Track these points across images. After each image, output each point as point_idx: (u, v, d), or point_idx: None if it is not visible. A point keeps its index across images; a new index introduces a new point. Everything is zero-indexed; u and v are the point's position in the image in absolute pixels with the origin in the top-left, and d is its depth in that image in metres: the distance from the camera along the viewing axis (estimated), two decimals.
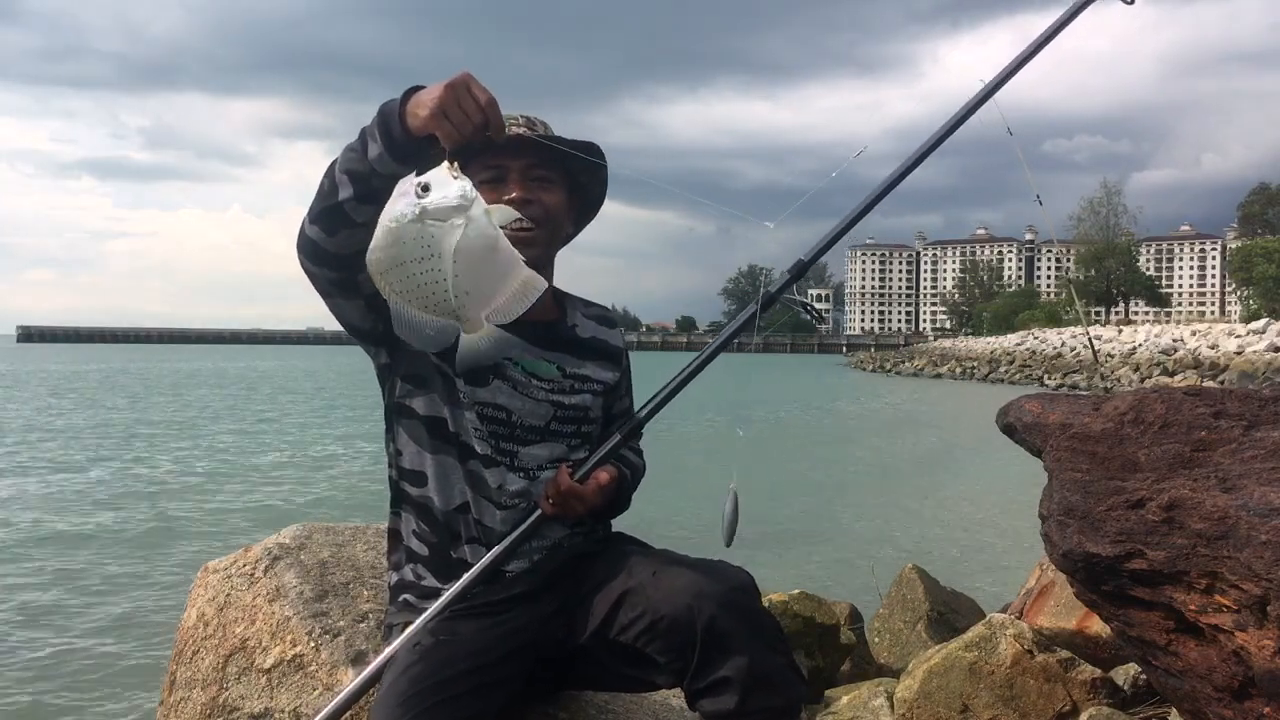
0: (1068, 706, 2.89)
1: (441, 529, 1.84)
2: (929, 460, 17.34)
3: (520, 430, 1.84)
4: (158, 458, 16.14)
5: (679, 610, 1.67)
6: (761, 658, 1.65)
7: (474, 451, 1.82)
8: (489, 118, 1.53)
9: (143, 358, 78.24)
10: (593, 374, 1.94)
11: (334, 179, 1.62)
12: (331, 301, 1.78)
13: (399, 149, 1.56)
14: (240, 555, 2.25)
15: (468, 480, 1.82)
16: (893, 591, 5.05)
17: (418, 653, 1.69)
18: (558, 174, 1.89)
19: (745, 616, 1.68)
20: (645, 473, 2.05)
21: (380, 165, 1.58)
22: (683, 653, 1.67)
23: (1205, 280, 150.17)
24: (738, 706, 1.63)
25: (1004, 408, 2.35)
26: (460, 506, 1.82)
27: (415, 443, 1.85)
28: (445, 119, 1.51)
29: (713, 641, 1.65)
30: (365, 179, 1.60)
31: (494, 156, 1.83)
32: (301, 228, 1.69)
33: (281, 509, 11.42)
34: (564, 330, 1.94)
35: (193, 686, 2.12)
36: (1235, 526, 1.75)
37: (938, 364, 59.60)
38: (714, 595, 1.68)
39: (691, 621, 1.65)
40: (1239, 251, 66.08)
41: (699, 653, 1.65)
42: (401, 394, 1.86)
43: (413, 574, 1.86)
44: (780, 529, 10.33)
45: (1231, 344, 37.37)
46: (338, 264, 1.70)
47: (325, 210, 1.64)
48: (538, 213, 1.84)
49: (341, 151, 1.63)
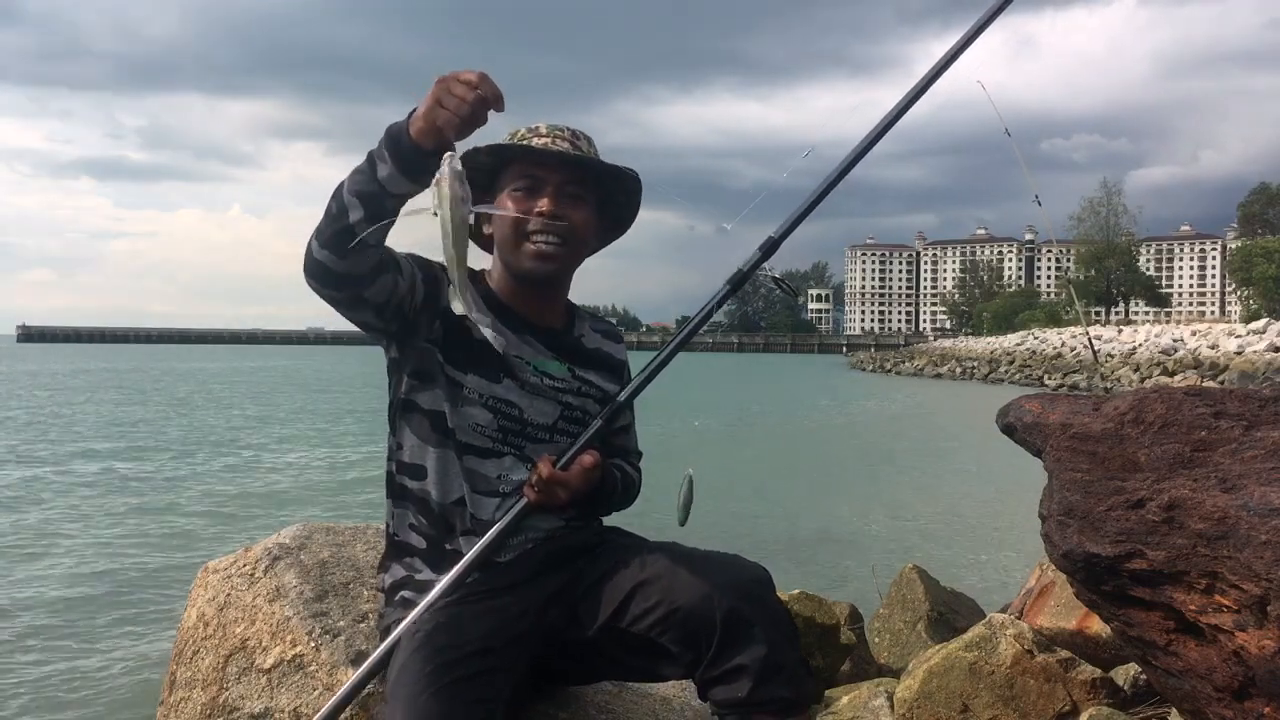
0: (1068, 706, 2.89)
1: (438, 521, 1.86)
2: (929, 460, 17.34)
3: (530, 428, 1.88)
4: (158, 457, 16.15)
5: (697, 601, 1.70)
6: (778, 649, 1.69)
7: (472, 447, 1.84)
8: (483, 91, 1.54)
9: (143, 358, 78.23)
10: (598, 381, 1.98)
11: (343, 202, 1.63)
12: (340, 311, 1.79)
13: (408, 163, 1.59)
14: (240, 555, 2.25)
15: (465, 475, 1.84)
16: (893, 591, 5.05)
17: (423, 637, 1.70)
18: (590, 192, 1.92)
19: (764, 608, 1.72)
20: (639, 490, 2.07)
21: (391, 184, 1.61)
22: (698, 643, 1.70)
23: (1205, 280, 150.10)
24: (750, 694, 1.67)
25: (1004, 408, 2.35)
26: (457, 500, 1.85)
27: (417, 437, 1.87)
28: (440, 108, 1.54)
29: (731, 631, 1.68)
30: (376, 199, 1.62)
31: (534, 165, 1.86)
32: (309, 251, 1.68)
33: (282, 509, 11.43)
34: (571, 339, 1.98)
35: (193, 686, 2.12)
36: (1235, 526, 1.75)
37: (938, 364, 59.58)
38: (733, 586, 1.72)
39: (710, 612, 1.69)
40: (1239, 251, 66.08)
41: (717, 642, 1.68)
42: (408, 389, 1.87)
43: (407, 569, 1.88)
44: (780, 529, 10.34)
45: (1231, 344, 37.36)
46: (348, 284, 1.71)
47: (336, 233, 1.64)
48: (565, 230, 1.87)
49: (349, 175, 1.65)
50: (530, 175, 1.86)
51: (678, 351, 1.87)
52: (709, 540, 1.96)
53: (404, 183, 1.61)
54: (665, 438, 18.67)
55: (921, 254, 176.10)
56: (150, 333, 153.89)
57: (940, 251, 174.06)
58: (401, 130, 1.58)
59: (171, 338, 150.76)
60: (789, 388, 42.04)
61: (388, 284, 1.73)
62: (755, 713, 1.68)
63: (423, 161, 1.58)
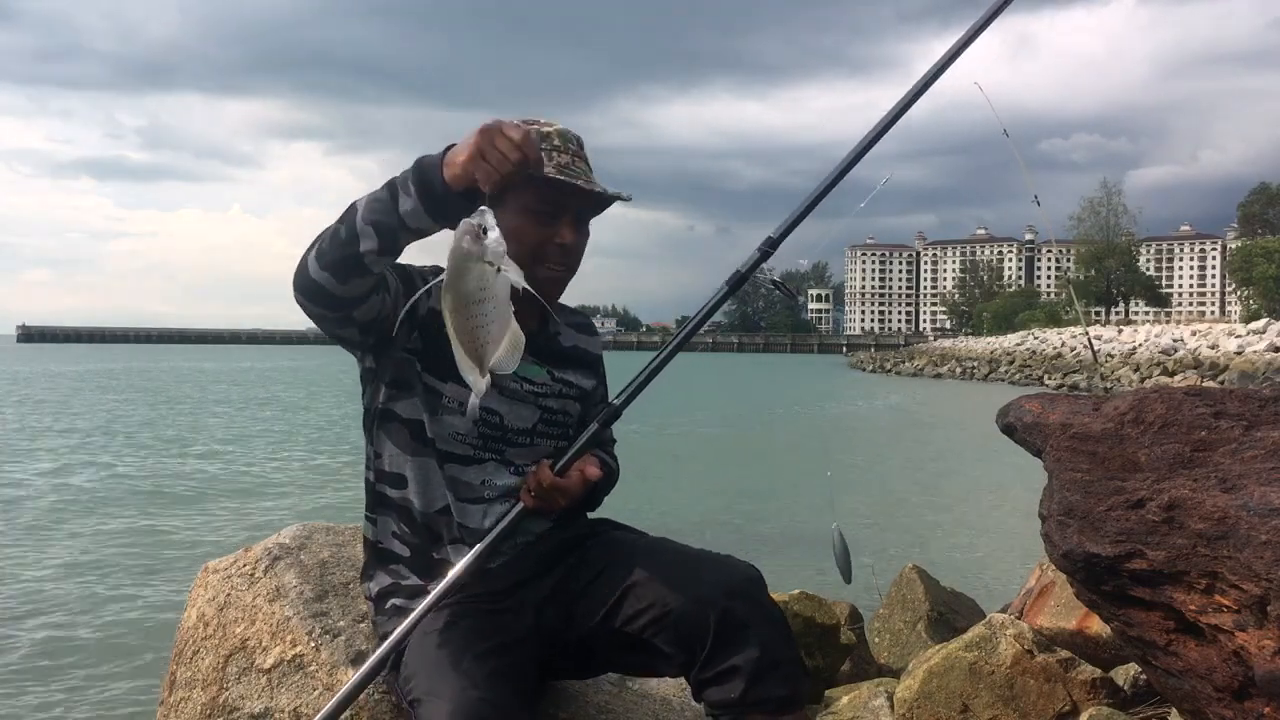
0: (1068, 706, 2.89)
1: (422, 530, 1.85)
2: (929, 460, 17.34)
3: (510, 433, 1.87)
4: (158, 457, 16.14)
5: (690, 603, 1.70)
6: (772, 649, 1.68)
7: (453, 454, 1.84)
8: (525, 154, 1.53)
9: (143, 357, 78.21)
10: (575, 380, 1.98)
11: (354, 228, 1.60)
12: (324, 328, 1.77)
13: (437, 203, 1.56)
14: (240, 555, 2.24)
15: (448, 484, 1.83)
16: (893, 591, 5.05)
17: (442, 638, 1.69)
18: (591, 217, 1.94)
19: (757, 607, 1.71)
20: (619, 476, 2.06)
21: (412, 219, 1.58)
22: (691, 645, 1.70)
23: (1205, 280, 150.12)
24: (743, 695, 1.66)
25: (1004, 408, 2.35)
26: (442, 509, 1.84)
27: (397, 446, 1.86)
28: (483, 160, 1.52)
29: (725, 633, 1.67)
30: (393, 232, 1.59)
31: (552, 189, 1.83)
32: (304, 269, 1.65)
33: (282, 509, 11.43)
34: (547, 339, 1.97)
35: (193, 686, 2.12)
36: (1235, 526, 1.75)
37: (938, 364, 59.57)
38: (726, 587, 1.71)
39: (704, 614, 1.68)
40: (1239, 251, 66.12)
41: (710, 644, 1.67)
42: (386, 399, 1.86)
43: (393, 576, 1.87)
44: (780, 528, 10.34)
45: (1231, 344, 37.37)
46: (341, 305, 1.70)
47: (342, 259, 1.61)
48: (574, 260, 1.89)
49: (364, 201, 1.61)
50: (555, 202, 1.84)
51: (676, 353, 1.85)
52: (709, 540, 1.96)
53: (425, 220, 1.58)
54: (666, 437, 18.68)
55: (921, 254, 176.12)
56: (150, 333, 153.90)
57: (940, 251, 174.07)
58: (435, 169, 1.55)
59: (171, 338, 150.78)
60: (789, 388, 42.00)
61: (376, 303, 1.73)
62: (750, 712, 1.68)
63: (452, 204, 1.56)
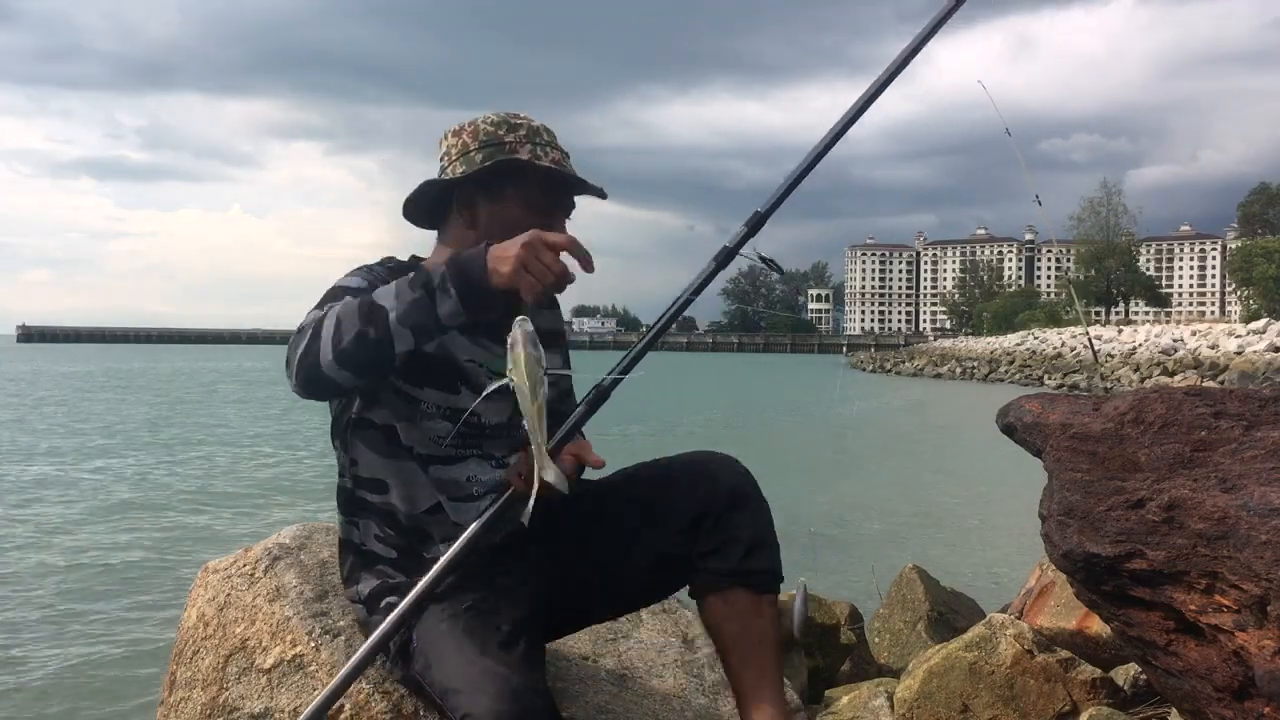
0: (1068, 706, 2.89)
1: (409, 531, 1.86)
2: (929, 459, 17.35)
3: (488, 428, 1.88)
4: (157, 456, 16.14)
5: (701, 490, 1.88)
6: (764, 530, 1.89)
7: (435, 456, 1.84)
8: (567, 269, 1.60)
9: (143, 357, 78.17)
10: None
11: (388, 331, 1.58)
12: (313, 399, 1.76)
13: (480, 304, 1.60)
14: (240, 555, 2.25)
15: (436, 485, 1.84)
16: (893, 591, 5.05)
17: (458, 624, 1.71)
18: None
19: (755, 490, 1.92)
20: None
21: (450, 320, 1.61)
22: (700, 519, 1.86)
23: (1205, 280, 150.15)
24: (740, 563, 1.84)
25: (1004, 408, 2.35)
26: (430, 510, 1.84)
27: (373, 452, 1.86)
28: (527, 273, 1.56)
29: (731, 506, 1.86)
30: (429, 332, 1.62)
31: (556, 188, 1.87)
32: (313, 365, 1.61)
33: (282, 508, 11.43)
34: None
35: (193, 686, 2.12)
36: (1235, 526, 1.75)
37: (938, 364, 59.58)
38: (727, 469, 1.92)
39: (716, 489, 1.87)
40: (1239, 251, 66.14)
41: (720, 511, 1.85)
42: (361, 408, 1.86)
43: (380, 577, 1.88)
44: (780, 529, 10.31)
45: (1231, 344, 37.38)
46: (346, 392, 1.74)
47: (372, 360, 1.61)
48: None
49: (394, 302, 1.60)
50: (553, 197, 1.87)
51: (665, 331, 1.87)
52: None
53: (463, 318, 1.61)
54: (667, 437, 18.68)
55: (921, 254, 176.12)
56: (150, 333, 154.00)
57: (940, 251, 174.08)
58: (479, 273, 1.57)
59: (171, 338, 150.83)
60: (789, 388, 42.00)
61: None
62: (740, 584, 1.83)
63: (493, 303, 1.60)
